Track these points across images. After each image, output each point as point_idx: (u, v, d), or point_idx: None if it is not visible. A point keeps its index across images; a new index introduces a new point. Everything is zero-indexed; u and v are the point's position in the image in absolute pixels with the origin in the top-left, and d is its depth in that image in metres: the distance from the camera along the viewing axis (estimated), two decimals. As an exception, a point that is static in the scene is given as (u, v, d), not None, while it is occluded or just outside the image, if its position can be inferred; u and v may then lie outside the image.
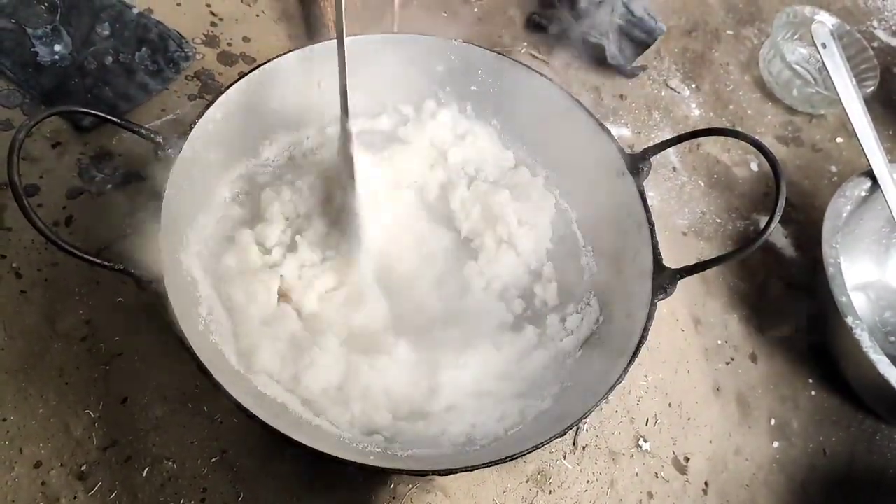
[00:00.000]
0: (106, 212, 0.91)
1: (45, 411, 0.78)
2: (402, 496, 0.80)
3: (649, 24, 1.23)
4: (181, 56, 1.04)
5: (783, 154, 1.27)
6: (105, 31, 1.02)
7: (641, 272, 0.81)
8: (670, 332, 1.00)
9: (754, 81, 1.35)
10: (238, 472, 0.78)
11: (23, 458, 0.75)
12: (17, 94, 0.96)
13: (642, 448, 0.91)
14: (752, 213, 1.17)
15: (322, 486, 0.79)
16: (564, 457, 0.88)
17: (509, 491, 0.84)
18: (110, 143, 0.96)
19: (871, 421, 1.02)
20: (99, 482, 0.76)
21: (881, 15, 1.55)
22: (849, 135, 1.30)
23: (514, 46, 1.24)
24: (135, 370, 0.82)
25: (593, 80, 1.25)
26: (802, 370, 1.04)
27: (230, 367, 0.75)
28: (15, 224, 0.87)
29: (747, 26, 1.44)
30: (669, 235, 1.10)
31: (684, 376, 0.98)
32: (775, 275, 1.11)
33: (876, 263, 1.15)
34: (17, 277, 0.85)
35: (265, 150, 0.92)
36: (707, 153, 1.22)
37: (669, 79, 1.30)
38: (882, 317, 1.12)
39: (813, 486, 0.95)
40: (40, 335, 0.82)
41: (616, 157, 0.87)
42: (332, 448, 0.67)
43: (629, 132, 1.21)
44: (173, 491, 0.76)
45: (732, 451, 0.95)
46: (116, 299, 0.85)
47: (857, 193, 1.05)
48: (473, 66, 0.95)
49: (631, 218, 0.85)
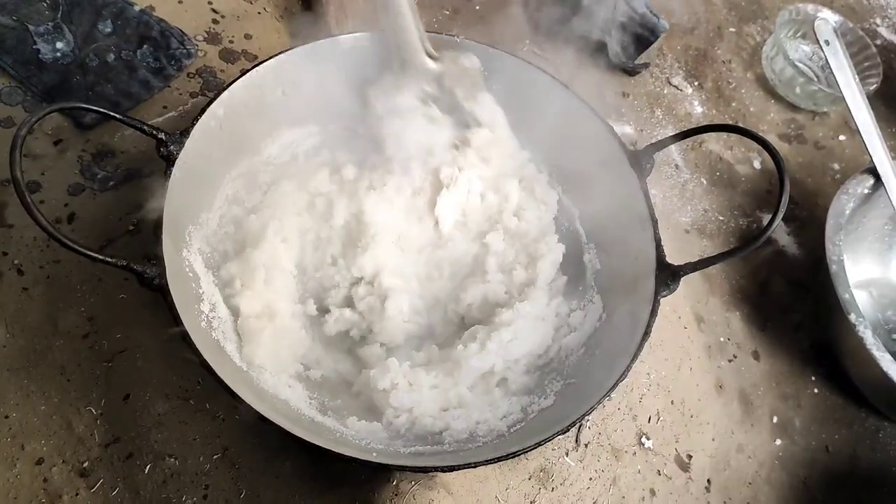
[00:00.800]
0: (108, 209, 0.91)
1: (47, 408, 0.78)
2: (404, 493, 0.79)
3: (652, 22, 1.23)
4: (183, 53, 1.04)
5: (786, 151, 1.26)
6: (107, 29, 1.02)
7: (644, 269, 0.81)
8: (673, 329, 1.00)
9: (757, 79, 1.35)
10: (240, 468, 0.78)
11: (25, 455, 0.75)
12: (19, 91, 0.96)
13: (645, 445, 0.91)
14: (755, 211, 1.17)
15: (324, 482, 0.79)
16: (567, 454, 0.88)
17: (512, 488, 0.84)
18: (112, 140, 0.96)
19: (874, 418, 1.02)
20: (101, 479, 0.76)
21: (884, 12, 1.55)
22: (852, 132, 1.30)
23: (516, 44, 1.24)
24: (137, 367, 0.82)
25: (596, 78, 1.25)
26: (805, 368, 1.04)
27: (232, 363, 0.75)
28: (17, 221, 0.87)
29: (750, 24, 1.44)
30: (672, 233, 1.10)
31: (687, 374, 0.97)
32: (778, 272, 1.11)
33: (879, 261, 1.15)
34: (19, 274, 0.85)
35: (267, 147, 0.92)
36: (710, 150, 1.22)
37: (672, 76, 1.30)
38: (885, 314, 1.12)
39: (815, 484, 0.95)
40: (42, 332, 0.82)
41: (619, 155, 0.87)
42: (334, 445, 0.67)
43: (632, 129, 1.21)
44: (175, 488, 0.76)
45: (735, 449, 0.95)
46: (119, 296, 0.85)
47: (860, 191, 1.04)
48: (475, 63, 0.95)
49: (634, 215, 0.85)
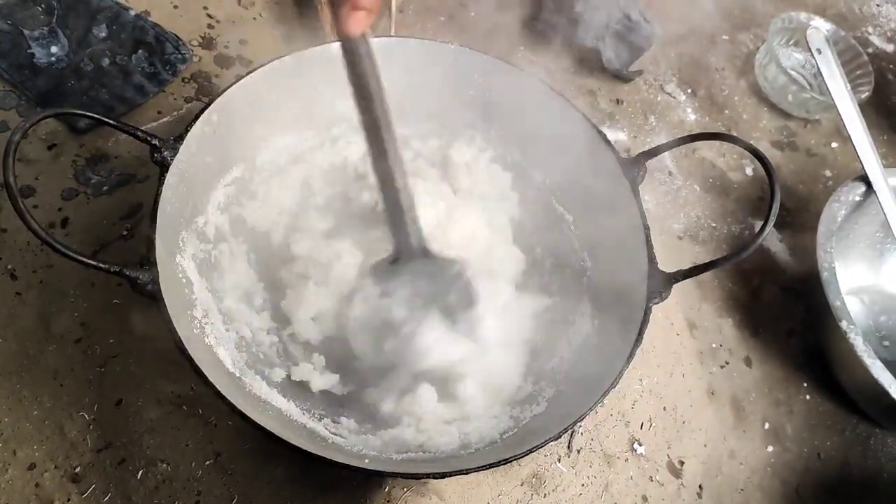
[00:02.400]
0: (101, 214, 0.91)
1: (39, 413, 0.78)
2: (396, 499, 0.80)
3: (645, 29, 1.24)
4: (178, 58, 1.04)
5: (778, 159, 1.27)
6: (102, 33, 1.02)
7: (636, 276, 0.81)
8: (665, 335, 1.00)
9: (749, 86, 1.36)
10: (233, 474, 0.78)
11: (17, 461, 0.75)
12: (13, 95, 0.96)
13: (637, 451, 0.91)
14: (748, 218, 1.17)
15: (317, 488, 0.79)
16: (559, 460, 0.88)
17: (504, 494, 0.84)
18: (106, 145, 0.96)
19: (866, 425, 1.02)
20: (93, 484, 0.75)
21: (876, 21, 1.56)
22: (843, 140, 1.30)
23: (510, 51, 1.25)
24: (129, 372, 0.81)
25: (590, 85, 1.26)
26: (797, 374, 1.04)
27: (225, 369, 0.75)
28: (10, 225, 0.87)
29: (743, 32, 1.44)
30: (665, 239, 1.11)
31: (679, 380, 0.98)
32: (770, 279, 1.11)
33: (870, 268, 1.15)
34: (11, 279, 0.84)
35: (261, 153, 0.92)
36: (702, 158, 1.23)
37: (665, 83, 1.31)
38: (876, 321, 1.13)
39: (807, 490, 0.95)
40: (35, 337, 0.82)
41: (612, 162, 0.88)
42: (326, 451, 0.67)
43: (625, 136, 1.21)
44: (167, 493, 0.76)
45: (727, 455, 0.95)
46: (112, 301, 0.85)
47: (852, 198, 1.05)
48: (470, 70, 0.96)
49: (626, 222, 0.85)
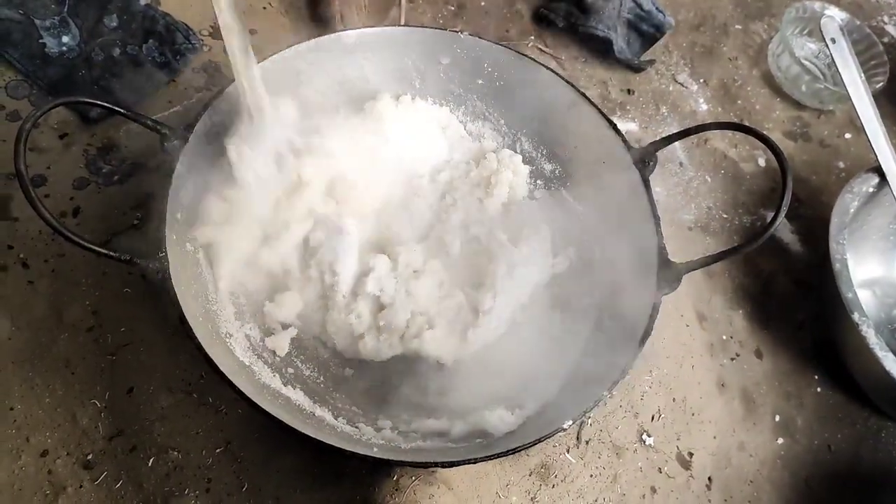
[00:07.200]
0: (112, 203, 0.91)
1: (51, 401, 0.78)
2: (405, 488, 0.80)
3: (657, 19, 1.23)
4: (188, 48, 1.04)
5: (791, 150, 1.26)
6: (112, 23, 1.02)
7: (647, 267, 0.81)
8: (675, 326, 1.00)
9: (763, 76, 1.34)
10: (242, 462, 0.79)
11: (29, 447, 0.76)
12: (25, 85, 0.96)
13: (646, 443, 0.91)
14: (759, 209, 1.16)
15: (325, 477, 0.79)
16: (568, 450, 0.88)
17: (512, 484, 0.84)
18: (117, 134, 0.96)
19: (877, 418, 1.02)
20: (104, 471, 0.76)
21: (892, 10, 1.54)
22: (857, 131, 1.29)
23: (521, 40, 1.24)
24: (140, 360, 0.82)
25: (601, 75, 1.25)
26: (808, 367, 1.03)
27: (235, 357, 0.75)
28: (22, 214, 0.88)
29: (756, 21, 1.43)
30: (675, 230, 1.10)
31: (689, 371, 0.97)
32: (781, 271, 1.10)
33: (883, 260, 1.14)
34: (24, 268, 0.85)
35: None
36: (714, 148, 1.22)
37: (677, 73, 1.30)
38: (889, 314, 1.12)
39: (817, 483, 0.95)
40: (47, 325, 0.82)
41: (622, 152, 0.87)
42: (335, 440, 0.67)
43: (636, 127, 1.20)
44: (178, 481, 0.77)
45: (736, 447, 0.95)
46: (123, 290, 0.85)
47: (865, 190, 1.04)
48: (480, 59, 0.95)
49: (637, 212, 0.85)
